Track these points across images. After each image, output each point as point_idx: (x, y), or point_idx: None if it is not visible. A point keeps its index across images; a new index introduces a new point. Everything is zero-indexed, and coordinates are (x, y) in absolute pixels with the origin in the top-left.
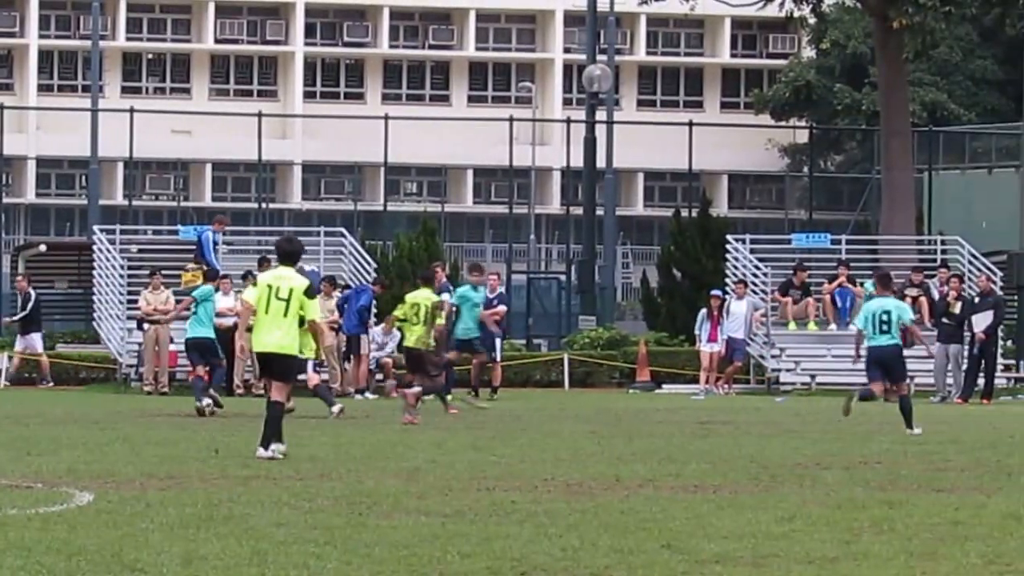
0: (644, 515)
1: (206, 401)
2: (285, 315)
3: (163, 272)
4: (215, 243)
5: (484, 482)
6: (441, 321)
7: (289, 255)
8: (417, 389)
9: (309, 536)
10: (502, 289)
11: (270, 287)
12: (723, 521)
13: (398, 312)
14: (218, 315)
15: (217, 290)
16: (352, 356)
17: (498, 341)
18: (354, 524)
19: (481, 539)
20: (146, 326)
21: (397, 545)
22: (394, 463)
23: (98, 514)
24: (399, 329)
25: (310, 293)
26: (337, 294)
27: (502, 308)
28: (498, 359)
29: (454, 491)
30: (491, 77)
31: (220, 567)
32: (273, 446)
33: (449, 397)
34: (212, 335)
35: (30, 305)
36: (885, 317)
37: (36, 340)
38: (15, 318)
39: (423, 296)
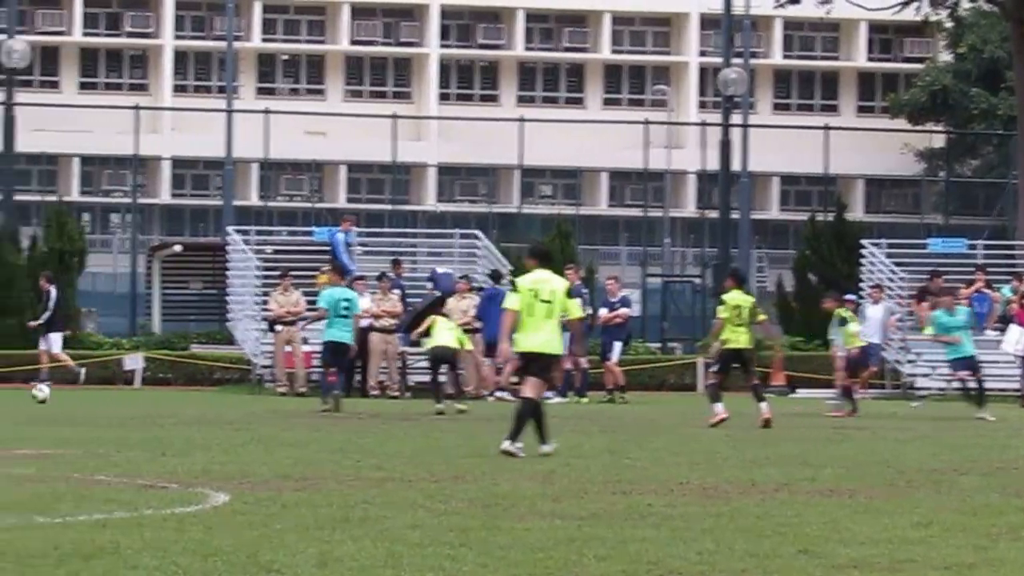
0: (779, 519)
1: (331, 401)
2: (549, 316)
3: (295, 273)
4: (348, 243)
5: (619, 485)
6: (764, 317)
7: (547, 257)
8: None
9: (444, 538)
10: (624, 293)
11: (533, 291)
12: (859, 526)
13: (722, 314)
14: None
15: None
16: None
17: (617, 344)
18: (489, 526)
19: (617, 542)
20: (278, 327)
21: (532, 548)
22: (529, 466)
23: (233, 515)
24: None
25: (570, 294)
26: (472, 296)
27: (624, 311)
28: (614, 359)
29: (589, 494)
30: (626, 80)
31: (355, 568)
32: (545, 447)
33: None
34: (346, 339)
35: (51, 304)
36: None
37: (54, 340)
38: (39, 320)
39: (741, 298)
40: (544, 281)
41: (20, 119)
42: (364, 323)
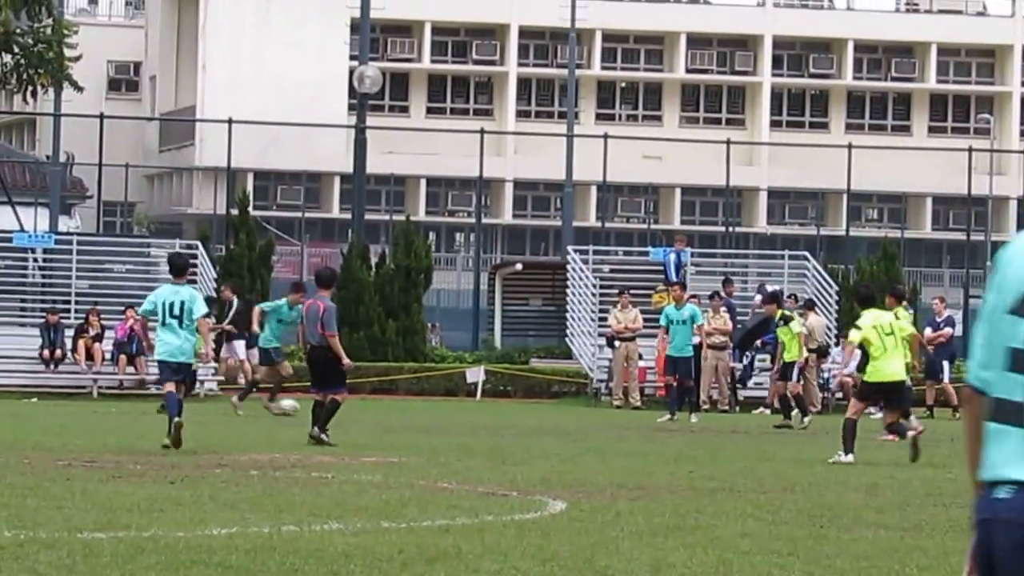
0: None
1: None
2: (897, 346)
3: (631, 291)
4: (681, 263)
5: (940, 498)
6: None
7: (871, 299)
8: None
9: (773, 547)
10: (948, 313)
11: (877, 327)
12: None
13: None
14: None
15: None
16: None
17: (946, 364)
18: (816, 536)
19: (939, 553)
20: (617, 343)
21: (858, 557)
22: (854, 478)
23: (570, 522)
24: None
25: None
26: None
27: (948, 330)
28: (946, 380)
29: (911, 506)
30: (951, 108)
31: (687, 574)
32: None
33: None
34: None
35: (231, 313)
36: None
37: (238, 347)
38: (221, 325)
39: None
40: (882, 315)
41: (371, 142)
42: (695, 339)
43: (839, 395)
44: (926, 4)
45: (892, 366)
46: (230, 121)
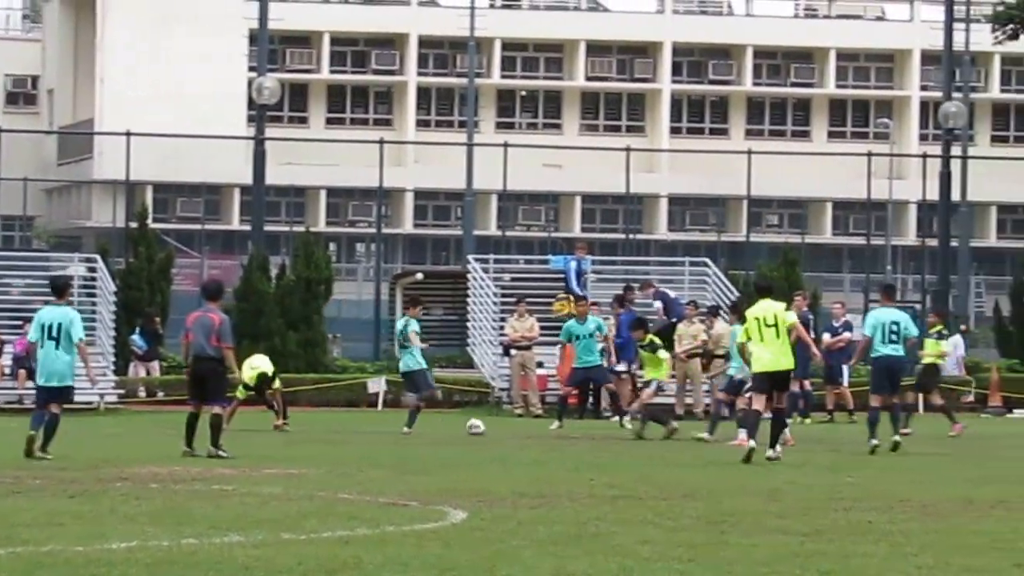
0: (996, 535)
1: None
2: (779, 337)
3: (531, 300)
4: (582, 271)
5: (841, 503)
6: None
7: (769, 289)
8: None
9: (673, 554)
10: (846, 318)
11: (759, 318)
12: None
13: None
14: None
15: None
16: None
17: (845, 368)
18: (716, 542)
19: (839, 557)
20: (513, 352)
21: (758, 563)
22: (755, 484)
23: (471, 531)
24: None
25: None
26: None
27: (847, 335)
28: (845, 384)
29: (812, 511)
30: (850, 113)
31: None
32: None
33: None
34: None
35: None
36: (895, 328)
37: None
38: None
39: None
40: (767, 309)
41: (270, 153)
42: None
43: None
44: (825, 10)
45: (769, 355)
46: (128, 134)
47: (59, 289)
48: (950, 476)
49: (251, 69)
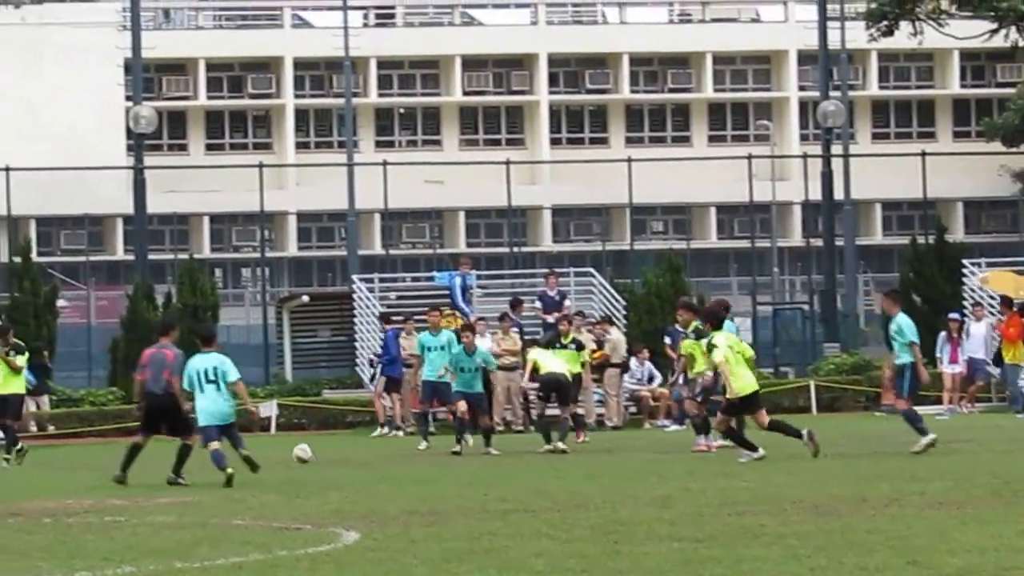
0: (889, 533)
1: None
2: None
3: (417, 318)
4: (467, 286)
5: (734, 507)
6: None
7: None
8: None
9: (567, 565)
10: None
11: (731, 346)
12: (966, 536)
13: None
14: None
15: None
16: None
17: None
18: (609, 552)
19: (732, 562)
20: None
21: (651, 571)
22: (647, 492)
23: (364, 552)
24: None
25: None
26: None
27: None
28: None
29: (705, 517)
30: (729, 117)
31: None
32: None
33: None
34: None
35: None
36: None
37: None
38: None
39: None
40: (728, 336)
41: (150, 182)
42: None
43: (632, 409)
44: (699, 14)
45: (747, 378)
46: (7, 169)
47: None
48: (843, 475)
49: (128, 98)
